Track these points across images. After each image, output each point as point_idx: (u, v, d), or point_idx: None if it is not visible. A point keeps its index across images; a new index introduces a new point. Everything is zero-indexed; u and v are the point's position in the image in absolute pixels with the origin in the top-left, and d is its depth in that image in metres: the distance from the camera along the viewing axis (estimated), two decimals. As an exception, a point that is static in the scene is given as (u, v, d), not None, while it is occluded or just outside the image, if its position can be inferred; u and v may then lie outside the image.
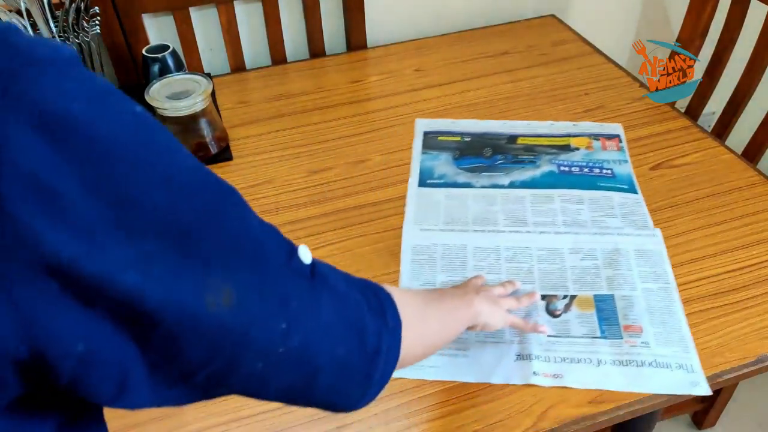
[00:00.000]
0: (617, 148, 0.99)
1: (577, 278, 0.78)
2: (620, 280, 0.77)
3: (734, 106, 1.16)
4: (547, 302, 0.75)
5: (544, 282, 0.78)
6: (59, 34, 0.98)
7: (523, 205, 0.89)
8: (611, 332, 0.72)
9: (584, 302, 0.75)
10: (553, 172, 0.95)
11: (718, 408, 1.32)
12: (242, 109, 1.14)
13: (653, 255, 0.80)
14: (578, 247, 0.82)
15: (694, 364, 0.68)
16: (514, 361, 0.69)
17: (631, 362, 0.68)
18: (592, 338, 0.71)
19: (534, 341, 0.71)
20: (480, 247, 0.83)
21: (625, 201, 0.89)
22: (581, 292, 0.76)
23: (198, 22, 1.21)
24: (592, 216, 0.87)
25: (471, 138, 1.02)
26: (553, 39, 1.31)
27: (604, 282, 0.77)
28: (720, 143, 1.00)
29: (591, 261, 0.80)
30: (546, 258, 0.81)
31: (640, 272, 0.78)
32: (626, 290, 0.76)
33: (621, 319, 0.73)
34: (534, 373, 0.68)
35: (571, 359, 0.69)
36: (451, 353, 0.70)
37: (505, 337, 0.72)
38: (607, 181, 0.93)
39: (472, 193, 0.91)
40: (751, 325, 0.73)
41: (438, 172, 0.95)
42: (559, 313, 0.74)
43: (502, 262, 0.80)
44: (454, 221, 0.87)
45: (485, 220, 0.87)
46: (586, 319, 0.74)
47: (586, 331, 0.72)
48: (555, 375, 0.68)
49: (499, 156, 0.98)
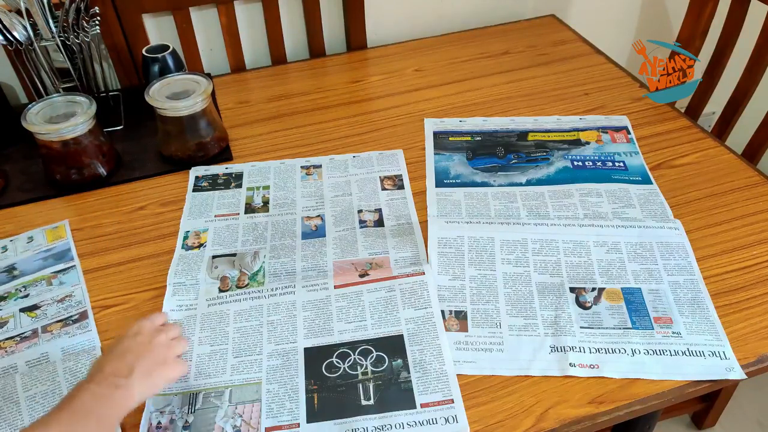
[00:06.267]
0: (626, 140, 1.01)
1: (604, 271, 0.79)
2: (646, 274, 0.78)
3: (734, 106, 1.16)
4: (576, 294, 0.76)
5: (571, 274, 0.78)
6: (59, 34, 0.98)
7: (543, 201, 0.89)
8: (642, 323, 0.73)
9: (613, 294, 0.76)
10: (567, 167, 0.95)
11: (718, 408, 1.32)
12: (242, 109, 1.14)
13: (677, 248, 0.81)
14: (602, 240, 0.82)
15: (727, 351, 0.69)
16: (549, 354, 0.70)
17: (665, 351, 0.69)
18: (624, 329, 0.72)
19: (568, 334, 0.71)
20: (507, 240, 0.83)
21: (642, 192, 0.90)
22: (609, 285, 0.77)
23: (198, 22, 1.21)
24: (612, 208, 0.88)
25: (481, 137, 1.02)
26: (553, 39, 1.31)
27: (631, 276, 0.78)
28: (720, 143, 1.00)
29: (616, 254, 0.81)
30: (572, 251, 0.81)
31: (665, 266, 0.79)
32: (653, 284, 0.77)
33: (651, 311, 0.74)
34: (571, 364, 0.68)
35: (605, 350, 0.70)
36: (487, 347, 0.71)
37: (538, 331, 0.72)
38: (620, 174, 0.94)
39: (491, 192, 0.91)
40: (752, 325, 0.73)
41: (453, 173, 0.95)
42: (589, 305, 0.75)
43: (530, 255, 0.81)
44: (479, 215, 0.87)
45: (509, 215, 0.87)
46: (616, 311, 0.74)
47: (617, 322, 0.73)
48: (591, 365, 0.68)
49: (512, 155, 0.98)
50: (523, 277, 0.78)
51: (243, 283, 0.79)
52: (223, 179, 0.95)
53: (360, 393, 0.67)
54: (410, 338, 0.72)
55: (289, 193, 0.93)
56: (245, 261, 0.81)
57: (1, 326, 0.74)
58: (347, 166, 0.98)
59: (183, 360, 0.67)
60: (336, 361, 0.70)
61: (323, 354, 0.71)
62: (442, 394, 0.67)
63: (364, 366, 0.69)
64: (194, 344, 0.72)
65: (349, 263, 0.81)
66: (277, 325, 0.74)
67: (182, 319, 0.75)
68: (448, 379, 0.68)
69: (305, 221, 0.88)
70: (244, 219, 0.89)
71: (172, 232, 0.88)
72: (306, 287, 0.77)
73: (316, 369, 0.69)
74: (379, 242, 0.84)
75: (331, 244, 0.84)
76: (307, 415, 0.65)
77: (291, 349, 0.71)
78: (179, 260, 0.82)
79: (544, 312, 0.74)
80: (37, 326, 0.74)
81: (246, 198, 0.92)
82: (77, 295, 0.78)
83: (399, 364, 0.69)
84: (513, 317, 0.74)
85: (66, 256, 0.83)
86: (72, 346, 0.72)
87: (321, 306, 0.75)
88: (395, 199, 0.91)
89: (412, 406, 0.66)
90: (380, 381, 0.68)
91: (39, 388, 0.66)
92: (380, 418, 0.65)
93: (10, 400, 0.65)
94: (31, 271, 0.81)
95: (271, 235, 0.85)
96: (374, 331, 0.73)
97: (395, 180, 0.95)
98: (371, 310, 0.75)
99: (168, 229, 0.88)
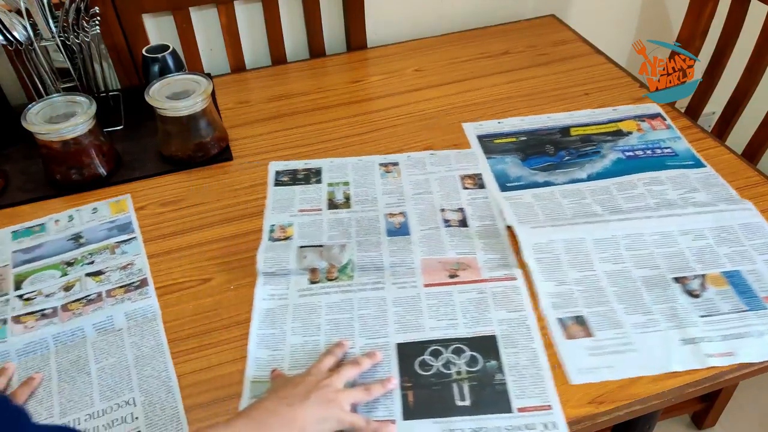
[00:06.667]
0: (665, 126, 1.02)
1: (698, 258, 0.79)
2: (738, 257, 0.78)
3: (734, 106, 1.16)
4: (682, 284, 0.76)
5: (669, 265, 0.78)
6: (59, 34, 0.98)
7: (611, 195, 0.89)
8: (754, 304, 0.73)
9: (716, 280, 0.76)
10: (620, 159, 0.96)
11: (718, 408, 1.32)
12: (242, 109, 1.14)
13: (757, 228, 0.82)
14: (686, 228, 0.83)
15: None
16: (682, 347, 0.69)
17: None
18: (740, 312, 0.72)
19: (690, 324, 0.71)
20: (597, 239, 0.82)
21: (700, 176, 0.91)
22: (708, 271, 0.77)
23: (198, 22, 1.21)
24: (678, 194, 0.88)
25: (526, 137, 1.02)
26: (553, 39, 1.31)
27: (725, 259, 0.78)
28: (720, 143, 1.00)
29: (703, 241, 0.81)
30: (661, 242, 0.81)
31: (753, 246, 0.80)
32: (748, 265, 0.77)
33: (758, 291, 0.74)
34: (708, 355, 0.68)
35: (733, 335, 0.70)
36: (619, 350, 0.69)
37: (661, 325, 0.71)
38: (673, 160, 0.95)
39: (558, 191, 0.91)
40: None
41: (513, 175, 0.94)
42: (697, 293, 0.75)
43: (623, 251, 0.80)
44: (558, 217, 0.86)
45: (586, 213, 0.86)
46: (725, 296, 0.74)
47: (731, 306, 0.73)
48: (727, 353, 0.68)
49: (563, 152, 0.98)
50: (623, 273, 0.77)
51: (333, 276, 0.79)
52: (303, 174, 0.96)
53: (455, 393, 0.66)
54: (503, 340, 0.71)
55: (370, 190, 0.93)
56: (333, 252, 0.82)
57: (68, 289, 0.79)
58: (425, 163, 0.98)
59: (357, 414, 0.63)
60: (429, 359, 0.69)
61: (416, 351, 0.70)
62: (540, 399, 0.65)
63: (458, 365, 0.68)
64: (287, 334, 0.73)
65: (437, 262, 0.81)
66: (368, 319, 0.74)
67: (274, 308, 0.76)
68: (544, 384, 0.66)
69: (388, 218, 0.88)
70: (327, 214, 0.89)
71: (172, 232, 0.88)
72: (396, 284, 0.78)
73: (409, 366, 0.69)
74: (466, 242, 0.83)
75: (417, 243, 0.84)
76: (403, 412, 0.64)
77: (383, 344, 0.71)
78: (267, 248, 0.83)
79: (658, 305, 0.73)
80: (101, 290, 0.78)
81: (327, 194, 0.93)
82: (138, 264, 0.82)
83: (493, 366, 0.68)
84: (630, 315, 0.73)
85: (128, 228, 0.88)
86: (134, 311, 0.76)
87: (411, 303, 0.75)
88: (477, 199, 0.91)
89: (507, 409, 0.64)
90: (475, 381, 0.67)
91: (108, 360, 0.71)
92: (476, 420, 0.63)
93: (83, 371, 0.70)
94: (96, 240, 0.86)
95: (356, 231, 0.86)
96: (466, 330, 0.72)
97: (475, 179, 0.95)
98: (462, 309, 0.74)
99: (168, 229, 0.88)
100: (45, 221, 0.90)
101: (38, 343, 0.73)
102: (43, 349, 0.72)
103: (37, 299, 0.77)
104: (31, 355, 0.72)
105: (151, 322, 0.75)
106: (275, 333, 0.73)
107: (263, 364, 0.70)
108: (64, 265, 0.83)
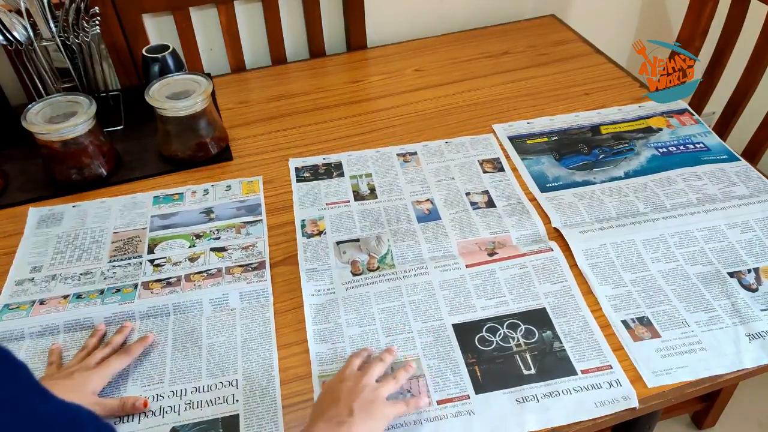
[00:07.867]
0: (694, 122, 1.02)
1: (748, 251, 0.80)
2: None
3: (734, 106, 1.16)
4: (737, 279, 0.76)
5: (721, 260, 0.79)
6: (59, 34, 0.98)
7: (652, 192, 0.90)
8: None
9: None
10: (655, 155, 0.96)
11: (718, 408, 1.32)
12: (242, 109, 1.14)
13: None
14: (732, 221, 0.83)
15: None
16: (750, 342, 0.69)
17: None
18: None
19: (754, 319, 0.71)
20: (647, 239, 0.82)
21: (737, 169, 0.92)
22: (761, 264, 0.78)
23: (198, 22, 1.21)
24: (718, 189, 0.89)
25: (558, 136, 1.02)
26: (553, 39, 1.31)
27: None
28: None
29: (751, 233, 0.82)
30: (710, 237, 0.82)
31: None
32: None
33: None
34: None
35: None
36: (689, 349, 0.69)
37: (726, 321, 0.72)
38: (707, 155, 0.95)
39: (599, 189, 0.91)
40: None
41: (551, 175, 0.94)
42: (755, 287, 0.75)
43: (674, 249, 0.80)
44: (605, 218, 0.86)
45: (630, 211, 0.87)
46: None
47: None
48: None
49: (597, 150, 0.98)
50: (678, 271, 0.78)
51: (373, 267, 0.81)
52: (323, 169, 0.97)
53: (519, 363, 0.69)
54: (553, 311, 0.74)
55: (393, 180, 0.95)
56: (371, 244, 0.83)
57: (193, 260, 0.82)
58: (442, 151, 1.00)
59: (398, 400, 0.65)
60: (487, 335, 0.72)
61: (472, 329, 0.72)
62: (599, 361, 0.68)
63: (516, 339, 0.71)
64: (343, 326, 0.74)
65: (473, 243, 0.83)
66: (420, 304, 0.76)
67: (323, 303, 0.76)
68: (600, 347, 0.69)
69: (416, 205, 0.90)
70: (355, 206, 0.90)
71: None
72: (438, 268, 0.79)
73: (470, 343, 0.71)
74: (497, 222, 0.86)
75: (449, 226, 0.86)
76: (474, 387, 0.67)
77: (439, 326, 0.73)
78: (305, 248, 0.84)
79: (718, 302, 0.74)
80: (222, 266, 0.81)
81: (351, 186, 0.94)
82: (259, 247, 0.84)
83: (549, 335, 0.71)
84: (693, 313, 0.73)
85: (256, 210, 0.90)
86: (248, 292, 0.78)
87: (457, 285, 0.77)
88: (499, 181, 0.94)
89: (572, 372, 0.67)
90: (536, 351, 0.70)
91: (219, 338, 0.73)
92: (546, 386, 0.66)
93: (196, 344, 0.73)
94: (225, 218, 0.89)
95: (387, 220, 0.87)
96: (516, 306, 0.75)
97: (494, 163, 0.97)
98: (508, 286, 0.77)
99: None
100: (184, 191, 0.94)
101: (160, 308, 0.76)
102: (164, 315, 0.76)
103: (166, 266, 0.81)
104: (153, 319, 0.75)
105: (264, 307, 0.77)
106: (330, 327, 0.74)
107: (326, 359, 0.71)
108: (193, 236, 0.86)
